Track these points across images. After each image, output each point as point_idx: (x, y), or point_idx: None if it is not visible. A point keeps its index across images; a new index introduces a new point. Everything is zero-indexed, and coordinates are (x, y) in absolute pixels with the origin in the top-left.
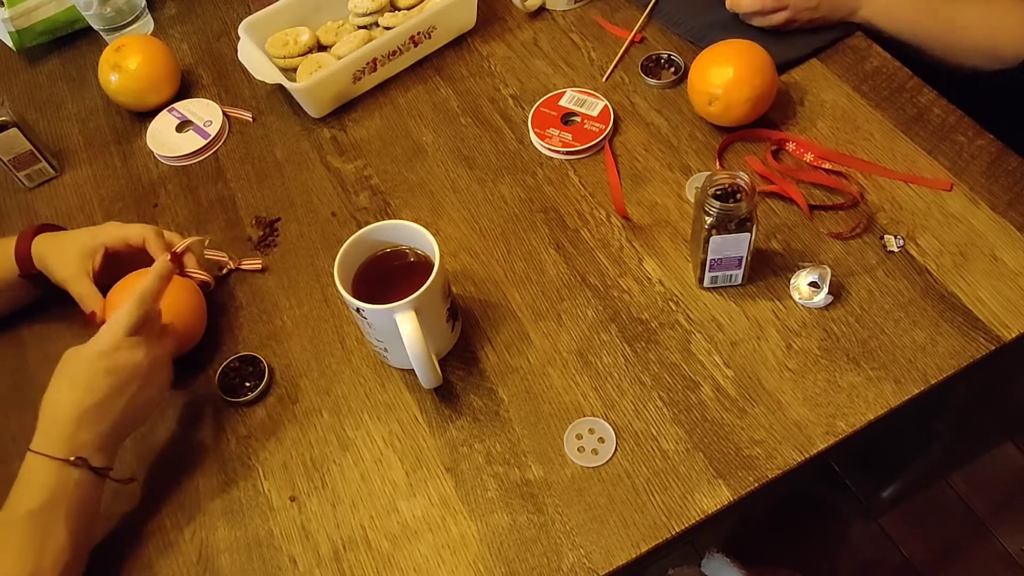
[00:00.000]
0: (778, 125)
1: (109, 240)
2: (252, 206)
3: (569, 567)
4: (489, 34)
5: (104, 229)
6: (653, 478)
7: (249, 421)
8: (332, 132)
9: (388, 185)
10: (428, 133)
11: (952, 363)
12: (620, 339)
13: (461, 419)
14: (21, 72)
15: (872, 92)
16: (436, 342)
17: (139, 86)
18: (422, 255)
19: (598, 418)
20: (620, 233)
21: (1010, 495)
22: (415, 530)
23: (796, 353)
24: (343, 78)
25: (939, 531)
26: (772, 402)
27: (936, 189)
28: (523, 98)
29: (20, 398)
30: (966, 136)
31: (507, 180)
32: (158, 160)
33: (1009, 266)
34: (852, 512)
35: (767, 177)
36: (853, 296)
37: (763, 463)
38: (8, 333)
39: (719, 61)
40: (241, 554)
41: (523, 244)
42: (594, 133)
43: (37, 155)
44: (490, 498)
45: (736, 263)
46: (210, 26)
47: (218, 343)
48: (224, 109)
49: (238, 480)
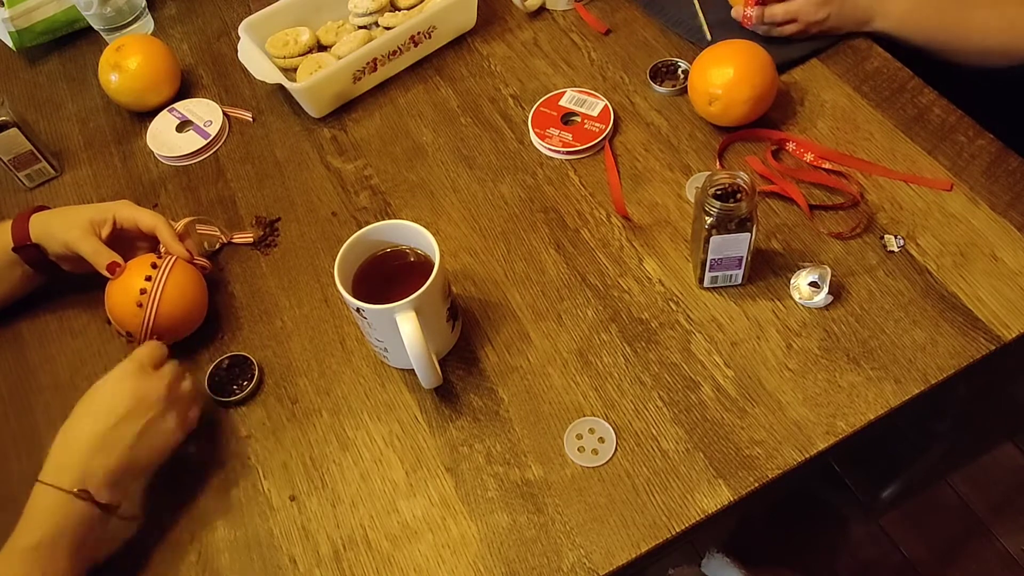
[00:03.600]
0: (778, 125)
1: (121, 216)
2: (252, 206)
3: (569, 567)
4: (489, 34)
5: (117, 205)
6: (653, 478)
7: (249, 421)
8: (332, 132)
9: (388, 185)
10: (428, 133)
11: (952, 363)
12: (620, 339)
13: (461, 419)
14: (21, 72)
15: (872, 92)
16: (436, 342)
17: (139, 86)
18: (422, 255)
19: (598, 418)
20: (620, 233)
21: (1010, 495)
22: (415, 530)
23: (796, 353)
24: (343, 78)
25: (939, 531)
26: (772, 402)
27: (936, 189)
28: (523, 98)
29: (20, 398)
30: (966, 136)
31: (507, 180)
32: (158, 160)
33: (1009, 266)
34: (852, 512)
35: (767, 177)
36: (853, 296)
37: (763, 463)
38: (8, 333)
39: (719, 61)
40: (241, 554)
41: (523, 244)
42: (594, 133)
43: (37, 155)
44: (490, 498)
45: (736, 263)
46: (210, 26)
47: (218, 343)
48: (224, 109)
49: (238, 480)
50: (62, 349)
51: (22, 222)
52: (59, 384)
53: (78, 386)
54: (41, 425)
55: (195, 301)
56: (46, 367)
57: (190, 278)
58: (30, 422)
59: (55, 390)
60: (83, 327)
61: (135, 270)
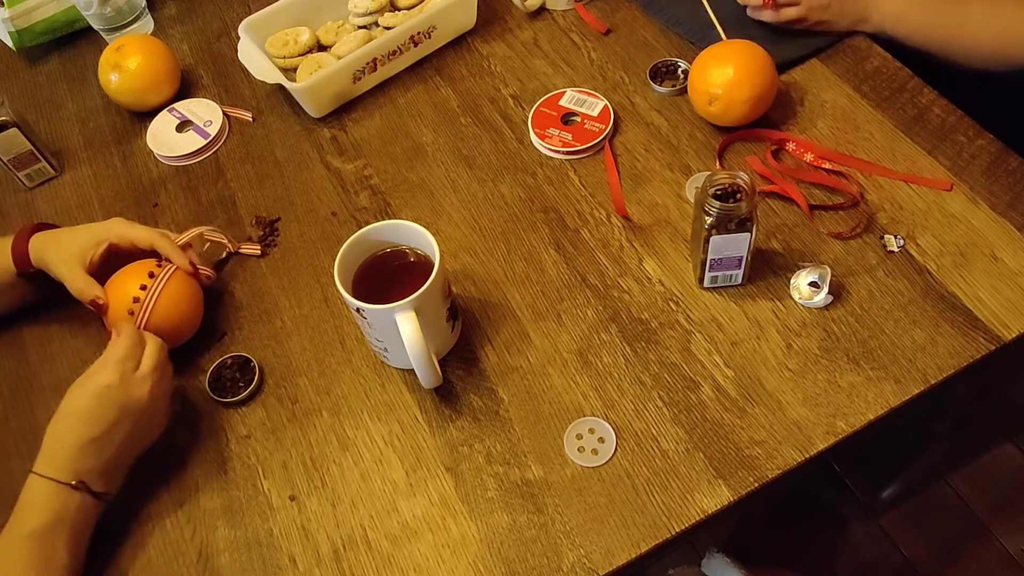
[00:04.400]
0: (778, 125)
1: (114, 238)
2: (252, 206)
3: (569, 567)
4: (489, 34)
5: (109, 227)
6: (653, 478)
7: (249, 421)
8: (332, 132)
9: (388, 185)
10: (428, 133)
11: (952, 363)
12: (620, 339)
13: (461, 419)
14: (21, 72)
15: (872, 92)
16: (436, 342)
17: (139, 86)
18: (422, 255)
19: (598, 418)
20: (620, 233)
21: (1010, 495)
22: (415, 530)
23: (796, 353)
24: (343, 78)
25: (939, 531)
26: (772, 402)
27: (936, 189)
28: (523, 98)
29: (21, 398)
30: (966, 136)
31: (507, 180)
32: (158, 160)
33: (1009, 266)
34: (852, 512)
35: (767, 177)
36: (853, 296)
37: (763, 463)
38: (8, 333)
39: (719, 61)
40: (241, 554)
41: (523, 244)
42: (594, 133)
43: (37, 155)
44: (490, 498)
45: (736, 263)
46: (210, 26)
47: (218, 343)
48: (224, 109)
49: (238, 480)
50: (62, 349)
51: (22, 246)
52: (59, 384)
53: None
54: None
55: (188, 313)
56: (46, 367)
57: (186, 290)
58: (30, 422)
59: (55, 390)
60: (83, 327)
61: (133, 274)
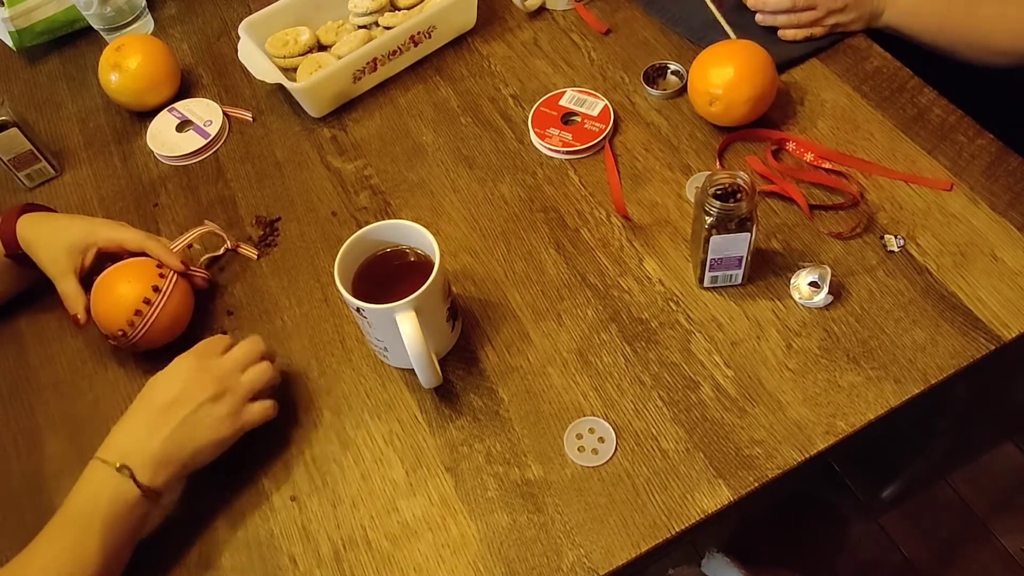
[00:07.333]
0: (778, 125)
1: (103, 243)
2: (252, 206)
3: (569, 567)
4: (489, 34)
5: (96, 231)
6: (653, 478)
7: None
8: (332, 132)
9: (388, 185)
10: (428, 133)
11: (952, 363)
12: (620, 339)
13: (461, 419)
14: (21, 72)
15: (872, 92)
16: (436, 342)
17: (139, 86)
18: (422, 255)
19: (598, 418)
20: (620, 233)
21: (1010, 495)
22: (415, 530)
23: (796, 353)
24: (343, 78)
25: (939, 531)
26: (772, 402)
27: (936, 189)
28: (523, 98)
29: (20, 398)
30: (966, 136)
31: (507, 180)
32: (158, 160)
33: (1009, 266)
34: (852, 512)
35: (767, 177)
36: (853, 296)
37: (763, 463)
38: (8, 333)
39: (719, 61)
40: (241, 554)
41: (523, 244)
42: (594, 133)
43: (37, 155)
44: (490, 498)
45: (736, 263)
46: (210, 26)
47: None
48: (224, 109)
49: (238, 480)
50: (62, 349)
51: (9, 229)
52: (59, 384)
53: (78, 386)
54: (41, 425)
55: (183, 318)
56: (46, 367)
57: (184, 296)
58: (30, 422)
59: (55, 390)
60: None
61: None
